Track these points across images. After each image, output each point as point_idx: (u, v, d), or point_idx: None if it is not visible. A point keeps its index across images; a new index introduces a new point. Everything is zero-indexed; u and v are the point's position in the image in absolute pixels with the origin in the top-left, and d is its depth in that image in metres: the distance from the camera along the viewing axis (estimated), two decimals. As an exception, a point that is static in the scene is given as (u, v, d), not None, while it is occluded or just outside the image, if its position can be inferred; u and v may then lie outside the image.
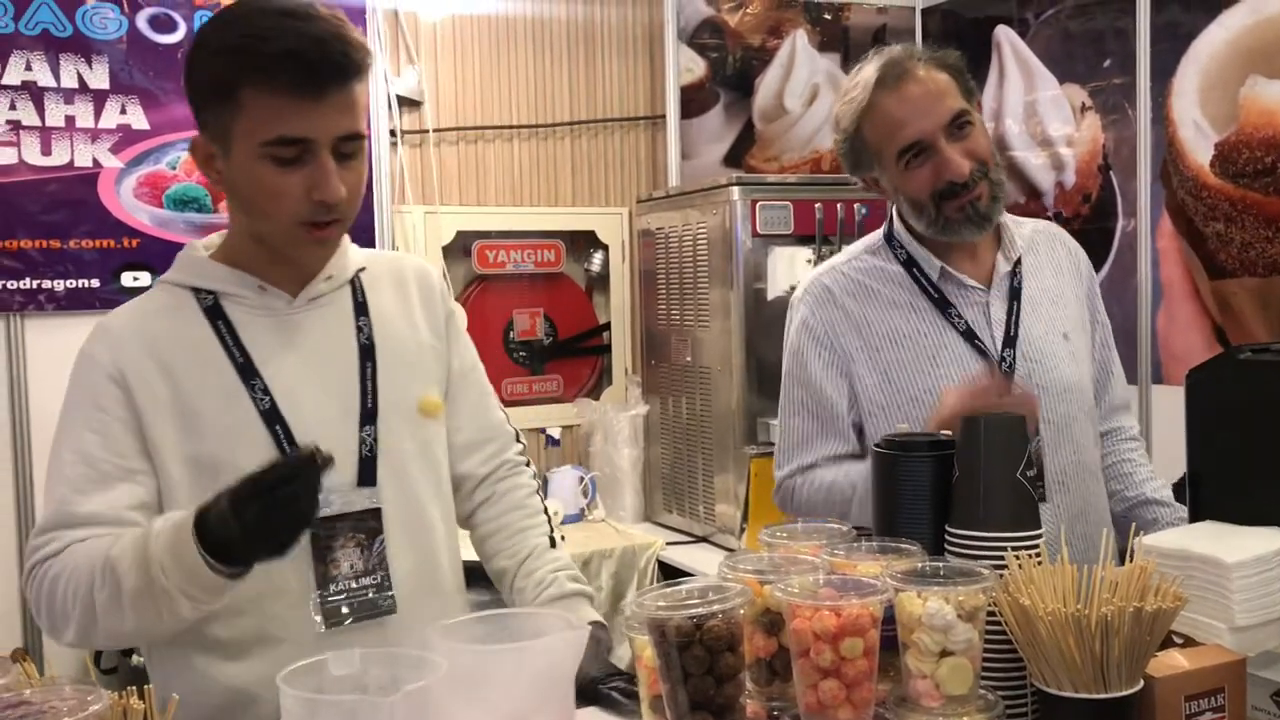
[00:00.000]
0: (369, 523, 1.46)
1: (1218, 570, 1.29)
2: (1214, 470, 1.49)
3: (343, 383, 1.49)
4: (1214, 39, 2.97)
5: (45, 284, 2.93)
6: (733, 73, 3.78)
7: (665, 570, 3.19)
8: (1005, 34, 3.62)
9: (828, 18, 3.89)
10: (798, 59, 3.84)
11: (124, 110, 2.98)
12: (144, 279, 2.98)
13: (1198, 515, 1.49)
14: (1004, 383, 1.67)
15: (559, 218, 3.67)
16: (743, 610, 1.12)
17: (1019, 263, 1.88)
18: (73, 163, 2.95)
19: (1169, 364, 3.13)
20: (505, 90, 3.58)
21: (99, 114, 2.96)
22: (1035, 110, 3.51)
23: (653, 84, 3.77)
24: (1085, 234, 3.24)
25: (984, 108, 3.52)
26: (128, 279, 2.98)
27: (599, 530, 3.39)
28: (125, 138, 2.99)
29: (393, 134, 3.35)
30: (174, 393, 1.41)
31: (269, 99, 1.34)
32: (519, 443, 1.72)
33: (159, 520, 1.31)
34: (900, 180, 1.80)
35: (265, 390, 1.43)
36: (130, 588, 1.28)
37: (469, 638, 1.14)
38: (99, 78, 2.95)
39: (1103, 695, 1.11)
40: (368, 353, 1.51)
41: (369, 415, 1.49)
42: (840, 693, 1.12)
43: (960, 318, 1.83)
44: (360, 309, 1.54)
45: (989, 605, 1.15)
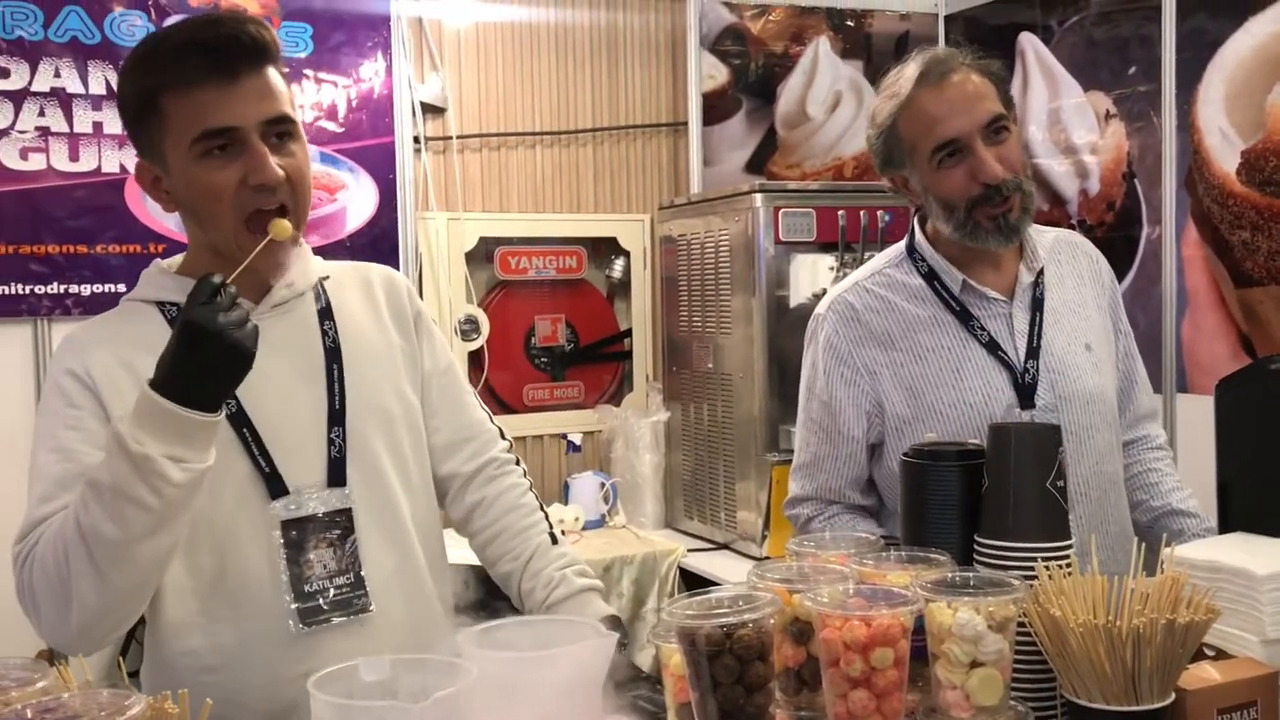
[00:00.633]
0: (341, 523, 1.46)
1: (1249, 582, 1.29)
2: (1244, 481, 1.49)
3: (309, 385, 1.49)
4: (1240, 46, 2.96)
5: (71, 288, 2.95)
6: (755, 79, 3.78)
7: (686, 577, 3.18)
8: (1029, 41, 3.61)
9: (850, 24, 3.89)
10: (820, 66, 3.84)
11: (151, 116, 3.00)
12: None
13: (1227, 526, 1.49)
14: None
15: (581, 224, 3.68)
16: (773, 619, 1.12)
17: (1041, 273, 1.88)
18: (100, 168, 2.97)
19: (1194, 373, 3.11)
20: (528, 97, 3.59)
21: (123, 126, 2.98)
22: (1059, 117, 3.50)
23: (675, 91, 3.78)
24: (1109, 242, 3.23)
25: (1007, 115, 3.51)
26: (154, 284, 3.00)
27: (620, 536, 3.39)
28: (152, 144, 3.01)
29: (416, 141, 3.37)
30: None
31: (186, 97, 1.36)
32: (504, 440, 1.69)
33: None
34: (931, 180, 1.79)
35: (233, 395, 1.40)
36: (111, 484, 1.24)
37: (499, 644, 1.14)
38: (126, 84, 2.98)
39: (1134, 708, 1.10)
40: (334, 354, 1.51)
41: (337, 416, 1.49)
42: (870, 703, 1.12)
43: (983, 330, 1.83)
44: (325, 313, 1.54)
45: (1019, 616, 1.15)
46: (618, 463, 3.57)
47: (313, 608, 1.43)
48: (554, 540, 1.62)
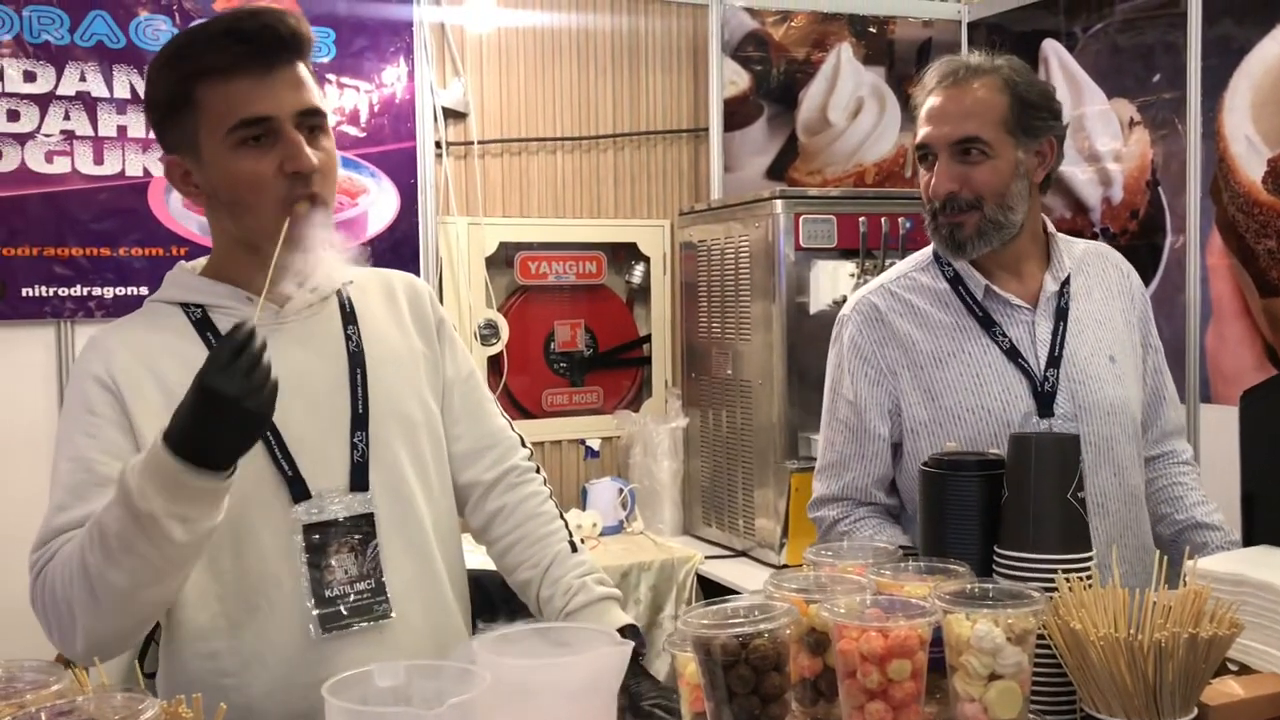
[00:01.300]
0: (362, 528, 1.46)
1: (1274, 596, 1.27)
2: (1269, 493, 1.47)
3: (333, 389, 1.49)
4: (1267, 53, 2.93)
5: (95, 291, 2.97)
6: (776, 85, 3.77)
7: (704, 584, 3.17)
8: (1052, 48, 3.58)
9: (872, 31, 3.88)
10: (842, 72, 3.83)
11: (174, 121, 3.03)
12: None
13: (1252, 539, 1.47)
14: None
15: (601, 229, 3.68)
16: (789, 630, 1.11)
17: (1067, 282, 1.87)
18: (124, 172, 2.99)
19: (1218, 383, 3.08)
20: (549, 102, 3.59)
21: (150, 124, 3.00)
22: (1082, 125, 3.48)
23: (696, 96, 3.77)
24: (1133, 250, 3.20)
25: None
26: (176, 287, 3.02)
27: (638, 543, 3.38)
28: (175, 148, 3.03)
29: (438, 145, 3.37)
30: (165, 398, 1.39)
31: (222, 86, 1.38)
32: (525, 447, 1.68)
33: (132, 457, 1.28)
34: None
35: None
36: (116, 532, 1.24)
37: (514, 651, 1.13)
38: (151, 88, 3.00)
39: (1156, 723, 1.09)
40: (357, 359, 1.51)
41: (360, 421, 1.49)
42: (887, 715, 1.11)
43: (1004, 336, 1.83)
44: (349, 318, 1.54)
45: (1039, 628, 1.14)
46: (636, 469, 3.56)
47: (333, 613, 1.43)
48: (574, 548, 1.61)
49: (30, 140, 2.89)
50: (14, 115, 2.87)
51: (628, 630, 1.45)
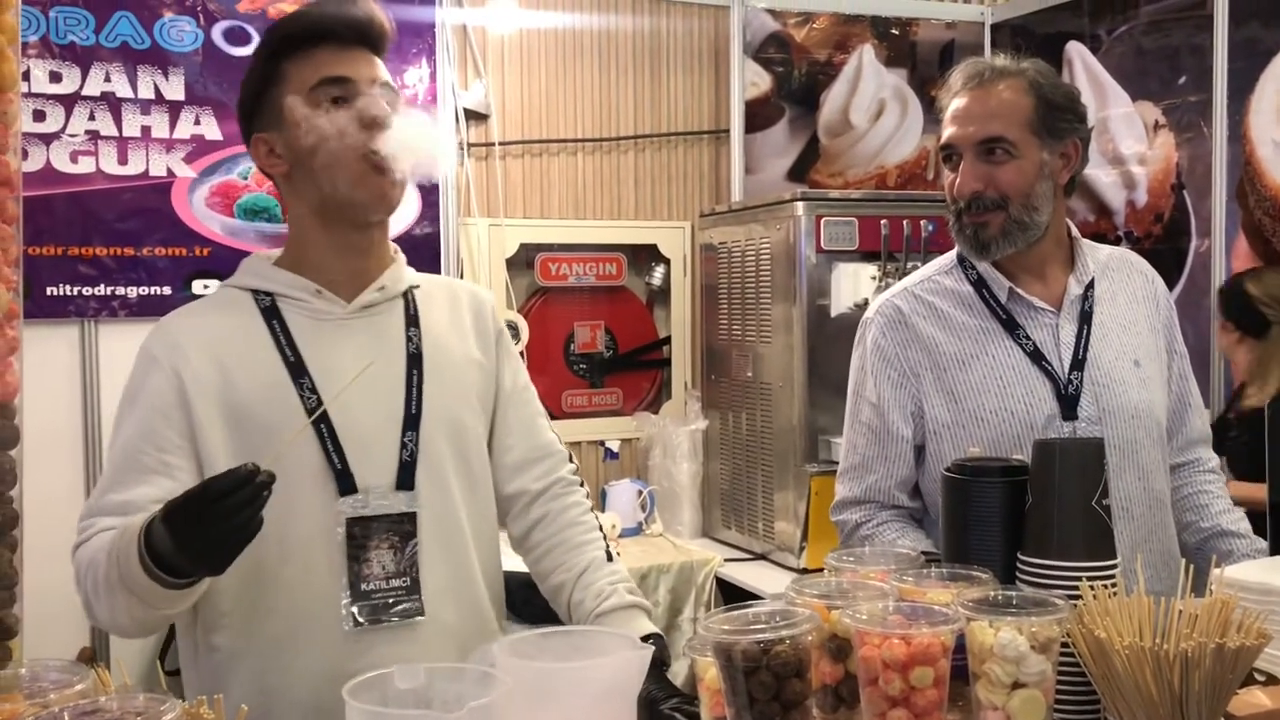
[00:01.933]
0: (404, 526, 1.47)
1: (1301, 606, 1.25)
2: (1296, 502, 1.45)
3: (389, 388, 1.51)
4: (1295, 56, 2.91)
5: (119, 291, 2.99)
6: (798, 87, 3.76)
7: (723, 587, 3.17)
8: (1076, 50, 3.56)
9: (895, 33, 3.86)
10: (864, 74, 3.82)
11: (198, 121, 3.04)
12: (215, 287, 3.01)
13: (1279, 547, 1.45)
14: None
15: (621, 231, 3.68)
16: (810, 636, 1.10)
17: (1091, 286, 1.86)
18: (148, 172, 3.01)
19: (1243, 388, 3.05)
20: (570, 104, 3.60)
21: (174, 124, 3.02)
22: (1107, 127, 3.45)
23: (717, 98, 3.77)
24: (1157, 253, 3.18)
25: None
26: (199, 287, 3.04)
27: (657, 545, 3.38)
28: (198, 148, 3.05)
29: (459, 146, 3.38)
30: (224, 386, 1.44)
31: (307, 57, 1.47)
32: (571, 462, 1.72)
33: (138, 515, 1.31)
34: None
35: (313, 389, 1.45)
36: (103, 576, 1.32)
37: (535, 654, 1.13)
38: (174, 89, 3.02)
39: (1181, 733, 1.08)
40: (415, 361, 1.54)
41: (412, 421, 1.51)
42: (909, 722, 1.10)
43: (1028, 339, 1.82)
44: (412, 320, 1.57)
45: (1063, 637, 1.13)
46: (655, 471, 3.56)
47: (367, 607, 1.44)
48: (610, 558, 1.63)
49: (55, 140, 2.91)
50: (40, 115, 2.89)
51: (654, 640, 1.45)
